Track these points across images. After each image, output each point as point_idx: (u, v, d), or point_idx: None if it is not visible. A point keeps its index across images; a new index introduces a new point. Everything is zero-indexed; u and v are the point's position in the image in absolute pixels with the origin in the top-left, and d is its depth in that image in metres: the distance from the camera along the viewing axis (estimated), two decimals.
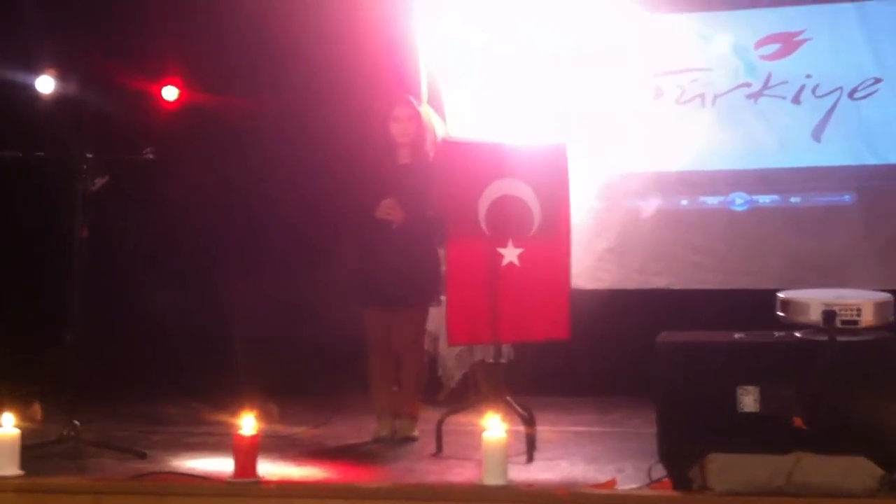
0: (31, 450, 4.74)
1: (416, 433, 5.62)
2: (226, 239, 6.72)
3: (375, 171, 5.60)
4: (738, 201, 6.69)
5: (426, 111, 6.36)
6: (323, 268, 6.06)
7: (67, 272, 5.35)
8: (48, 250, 6.31)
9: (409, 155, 5.64)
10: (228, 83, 6.81)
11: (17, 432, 4.45)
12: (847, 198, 6.53)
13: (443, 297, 5.61)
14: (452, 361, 6.59)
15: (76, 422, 5.16)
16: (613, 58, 6.80)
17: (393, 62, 6.71)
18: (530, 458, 5.10)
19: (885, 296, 4.52)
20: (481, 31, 6.85)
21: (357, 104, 6.40)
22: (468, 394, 6.48)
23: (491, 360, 5.74)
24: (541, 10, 6.82)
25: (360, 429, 5.71)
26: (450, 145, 5.57)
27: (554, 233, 5.38)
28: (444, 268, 5.76)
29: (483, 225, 5.30)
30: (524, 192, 5.36)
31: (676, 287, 6.68)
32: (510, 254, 5.31)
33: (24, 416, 4.94)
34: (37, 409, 5.76)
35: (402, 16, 6.79)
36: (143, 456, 5.10)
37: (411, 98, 5.94)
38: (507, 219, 5.31)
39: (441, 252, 5.81)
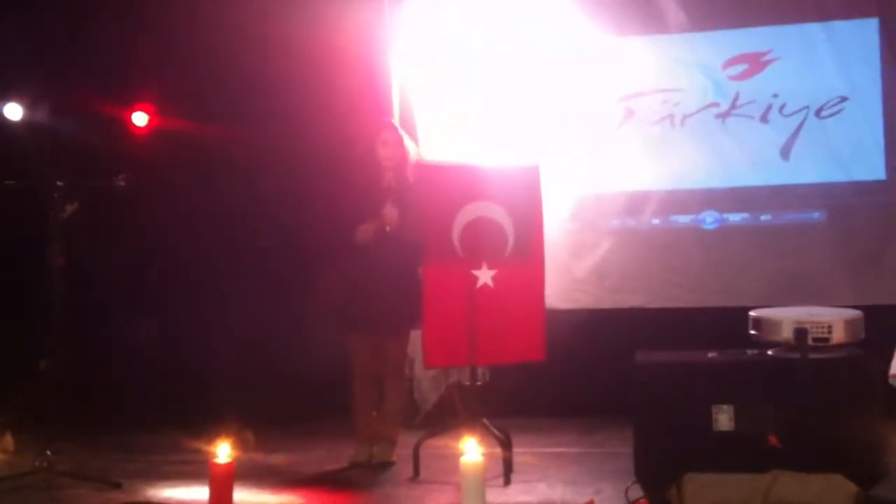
0: (4, 482, 4.70)
1: (393, 458, 5.61)
2: (203, 265, 6.67)
3: (363, 193, 5.59)
4: (709, 220, 6.74)
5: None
6: (303, 294, 6.03)
7: (42, 300, 5.31)
8: (23, 279, 6.26)
9: (392, 178, 5.64)
10: (200, 108, 6.79)
11: None
12: (816, 215, 6.59)
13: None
14: (428, 384, 6.59)
15: (49, 452, 5.12)
16: (584, 80, 6.84)
17: (366, 85, 6.73)
18: (507, 481, 5.11)
19: (856, 313, 4.58)
20: (454, 53, 6.88)
21: (331, 127, 6.41)
22: (444, 416, 6.48)
23: (467, 382, 5.75)
24: (511, 34, 6.86)
25: (337, 455, 5.68)
26: (424, 168, 5.59)
27: (528, 254, 5.41)
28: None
29: (457, 247, 5.32)
30: (498, 214, 5.40)
31: (650, 306, 6.70)
32: (484, 276, 5.34)
33: None
34: (9, 440, 5.70)
35: (375, 40, 6.82)
36: (117, 486, 5.06)
37: (395, 123, 5.95)
38: (481, 241, 5.34)
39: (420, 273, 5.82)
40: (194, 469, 5.32)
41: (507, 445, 5.27)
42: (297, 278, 6.27)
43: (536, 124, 6.83)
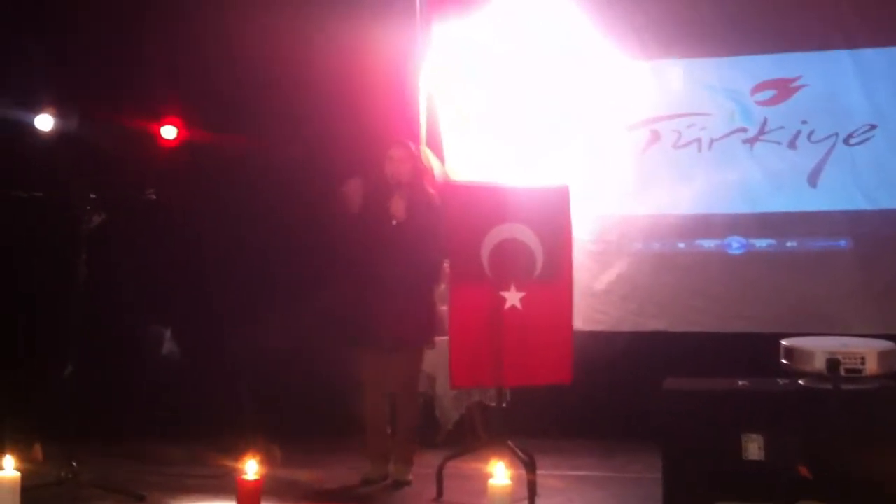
0: (31, 492, 4.68)
1: (409, 477, 5.59)
2: (231, 278, 6.67)
3: (367, 233, 5.55)
4: (735, 245, 6.73)
5: (425, 152, 6.41)
6: (327, 307, 6.03)
7: (68, 310, 5.33)
8: (50, 289, 6.27)
9: (403, 208, 5.55)
10: (229, 121, 6.82)
11: (17, 475, 4.40)
12: (842, 243, 6.58)
13: (442, 339, 5.61)
14: (449, 402, 6.56)
15: (74, 463, 5.12)
16: (611, 103, 6.85)
17: (394, 101, 6.74)
18: None
19: (889, 345, 4.56)
20: (482, 74, 6.89)
21: (358, 142, 6.42)
22: (465, 436, 6.48)
23: (491, 403, 5.73)
24: (539, 56, 6.87)
25: (360, 472, 5.65)
26: (452, 188, 5.59)
27: (556, 277, 5.39)
28: (444, 307, 5.77)
29: (486, 268, 5.31)
30: (527, 235, 5.39)
31: (672, 330, 6.69)
32: (512, 297, 5.32)
33: (25, 457, 4.90)
34: (38, 451, 5.70)
35: (404, 57, 6.84)
36: (141, 499, 5.06)
37: (409, 142, 5.93)
38: (509, 263, 5.33)
39: (440, 290, 5.82)
40: (217, 483, 5.33)
41: (531, 468, 5.25)
42: (323, 290, 6.26)
43: (563, 146, 6.83)
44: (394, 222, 5.53)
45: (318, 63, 6.65)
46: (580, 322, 6.48)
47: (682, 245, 6.79)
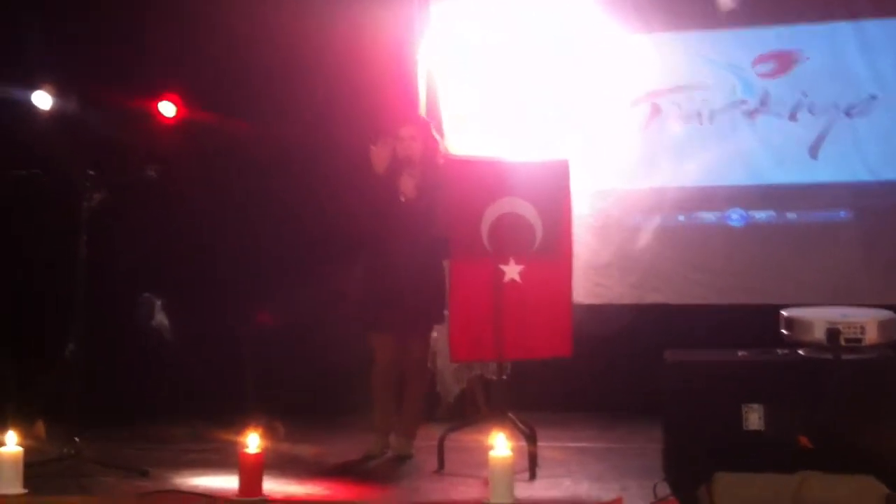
0: (34, 468, 4.72)
1: (412, 451, 5.60)
2: (230, 256, 6.67)
3: (375, 212, 5.54)
4: (735, 217, 6.73)
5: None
6: (330, 287, 6.04)
7: (69, 288, 5.33)
8: (50, 267, 6.27)
9: (412, 186, 5.52)
10: (227, 99, 6.79)
11: (20, 450, 4.45)
12: (843, 214, 6.57)
13: (445, 313, 5.61)
14: (450, 376, 6.59)
15: (77, 439, 5.14)
16: (611, 77, 6.83)
17: (393, 79, 6.72)
18: (533, 476, 5.11)
19: (889, 314, 4.56)
20: (481, 49, 6.89)
21: (358, 121, 6.40)
22: (466, 409, 6.50)
23: (491, 377, 5.75)
24: (539, 30, 6.85)
25: (362, 447, 5.66)
26: (452, 163, 5.57)
27: (556, 250, 5.38)
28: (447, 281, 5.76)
29: (485, 242, 5.30)
30: (526, 209, 5.37)
31: (674, 303, 6.70)
32: (512, 271, 5.31)
33: (28, 433, 4.93)
34: (40, 427, 5.73)
35: (402, 35, 6.82)
36: (144, 474, 5.08)
37: (421, 118, 5.88)
38: (509, 236, 5.31)
39: (445, 264, 5.81)
40: (219, 458, 5.36)
41: (532, 440, 5.27)
42: (325, 270, 6.27)
43: (563, 120, 6.82)
44: (402, 199, 5.52)
45: (316, 40, 6.63)
46: (581, 296, 6.48)
47: (682, 218, 6.80)
